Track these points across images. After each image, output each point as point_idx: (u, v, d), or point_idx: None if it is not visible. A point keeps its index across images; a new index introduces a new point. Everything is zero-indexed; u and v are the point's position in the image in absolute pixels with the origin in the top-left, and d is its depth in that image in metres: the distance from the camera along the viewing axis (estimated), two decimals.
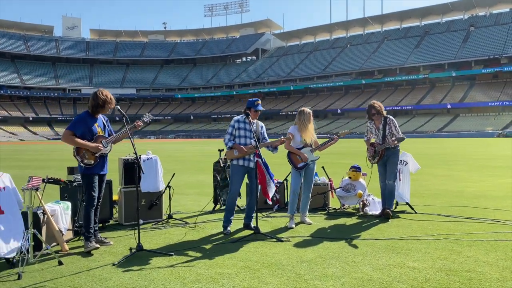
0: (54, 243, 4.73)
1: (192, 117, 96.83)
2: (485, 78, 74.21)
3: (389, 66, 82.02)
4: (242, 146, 5.31)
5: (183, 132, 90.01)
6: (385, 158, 6.08)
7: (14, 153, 28.59)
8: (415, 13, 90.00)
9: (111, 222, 5.94)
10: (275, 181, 5.71)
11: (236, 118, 5.53)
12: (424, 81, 79.51)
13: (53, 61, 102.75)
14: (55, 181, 4.52)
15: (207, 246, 4.77)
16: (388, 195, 6.07)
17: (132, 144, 4.41)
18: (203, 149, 32.19)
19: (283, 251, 4.48)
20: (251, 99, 5.61)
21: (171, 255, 4.39)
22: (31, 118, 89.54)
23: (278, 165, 8.97)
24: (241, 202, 7.00)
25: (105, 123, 4.86)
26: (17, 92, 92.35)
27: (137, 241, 4.41)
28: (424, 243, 4.70)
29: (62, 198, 5.34)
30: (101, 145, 4.59)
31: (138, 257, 4.33)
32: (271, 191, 5.36)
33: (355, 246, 4.64)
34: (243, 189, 6.41)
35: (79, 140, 4.53)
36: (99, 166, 4.65)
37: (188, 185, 10.23)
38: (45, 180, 4.41)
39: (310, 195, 5.92)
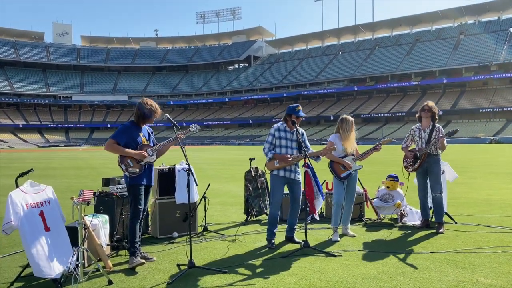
0: (92, 261, 4.43)
1: (184, 124, 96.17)
2: (476, 85, 75.06)
3: (381, 73, 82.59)
4: (286, 156, 5.06)
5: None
6: (426, 166, 5.83)
7: (10, 161, 27.93)
8: (406, 21, 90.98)
9: (145, 236, 5.65)
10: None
11: (276, 126, 5.27)
12: (416, 88, 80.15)
13: (44, 68, 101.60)
14: (107, 195, 4.24)
15: (257, 262, 4.52)
16: (436, 208, 5.78)
17: (184, 153, 4.15)
18: (203, 156, 31.85)
19: (342, 267, 4.25)
20: (291, 105, 5.31)
21: (225, 272, 4.13)
22: (21, 126, 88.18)
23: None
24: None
25: (150, 133, 4.62)
26: (6, 99, 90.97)
27: (189, 257, 4.14)
28: (485, 257, 4.50)
29: (97, 211, 5.04)
30: (145, 152, 4.34)
31: (191, 274, 4.06)
32: (319, 205, 5.11)
33: (414, 261, 4.43)
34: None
35: (122, 148, 4.32)
36: (145, 176, 4.41)
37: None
38: (97, 194, 4.13)
39: (352, 206, 5.70)
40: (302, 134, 5.31)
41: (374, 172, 14.19)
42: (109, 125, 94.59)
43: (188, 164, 4.24)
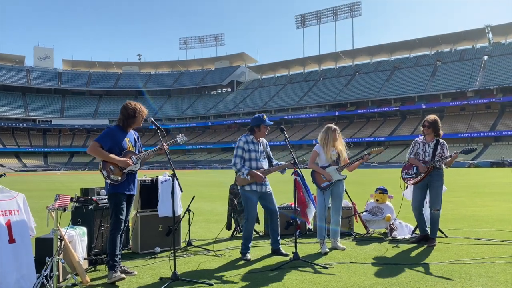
0: (69, 275, 4.12)
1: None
2: (454, 110, 76.93)
3: (361, 98, 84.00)
4: (258, 173, 4.89)
5: (157, 163, 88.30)
6: (427, 180, 5.64)
7: None
8: (385, 49, 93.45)
9: (125, 251, 5.34)
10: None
11: (243, 138, 5.08)
12: (396, 113, 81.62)
13: (23, 92, 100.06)
14: (86, 201, 3.97)
15: (246, 275, 4.27)
16: (432, 223, 5.59)
17: (169, 160, 3.95)
18: (185, 178, 31.34)
19: (334, 279, 4.04)
20: (256, 115, 5.16)
21: (211, 284, 3.88)
22: None
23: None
24: (259, 227, 6.54)
25: (136, 139, 4.40)
26: None
27: (173, 269, 3.89)
28: (480, 267, 4.36)
29: (74, 223, 4.74)
30: (130, 160, 4.10)
31: (175, 287, 3.79)
32: (311, 213, 4.93)
33: (409, 272, 4.26)
34: (260, 214, 5.99)
35: (106, 153, 4.06)
36: (127, 185, 4.16)
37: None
38: (74, 200, 3.86)
39: (340, 219, 5.52)
40: (267, 144, 5.25)
41: (355, 192, 14.09)
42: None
43: (173, 170, 4.03)
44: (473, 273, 4.13)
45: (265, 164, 5.10)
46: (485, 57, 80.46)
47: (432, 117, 5.78)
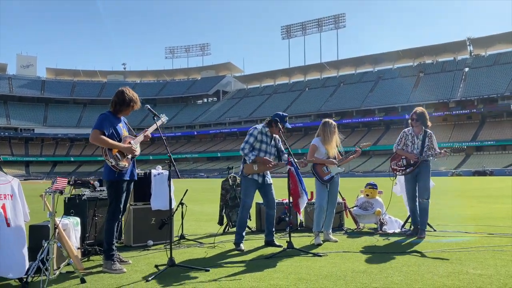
0: (64, 263, 4.08)
1: (151, 158, 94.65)
2: (436, 120, 78.06)
3: (346, 108, 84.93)
4: (269, 160, 4.95)
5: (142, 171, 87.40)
6: (416, 171, 5.78)
7: None
8: (369, 60, 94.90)
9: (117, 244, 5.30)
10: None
11: (259, 128, 5.17)
12: (380, 123, 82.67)
13: (5, 100, 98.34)
14: (83, 184, 3.94)
15: (241, 262, 4.29)
16: (421, 214, 5.68)
17: (166, 146, 3.97)
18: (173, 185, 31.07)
19: (329, 264, 4.09)
20: (281, 113, 5.19)
21: (208, 270, 3.89)
22: None
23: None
24: (251, 224, 6.56)
25: (127, 124, 4.37)
26: None
27: (169, 256, 3.88)
28: (470, 254, 4.46)
29: (67, 213, 4.70)
30: (133, 145, 4.08)
31: (171, 273, 3.79)
32: (303, 204, 4.98)
33: (402, 257, 4.33)
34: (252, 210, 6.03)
35: (110, 140, 3.95)
36: (129, 171, 4.12)
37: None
38: (71, 183, 3.83)
39: (334, 211, 5.60)
40: (279, 140, 5.29)
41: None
42: (72, 159, 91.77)
43: (170, 156, 4.04)
44: (463, 259, 4.22)
45: (273, 159, 5.15)
46: (466, 69, 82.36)
47: (419, 109, 5.95)
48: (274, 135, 5.20)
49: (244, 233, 5.07)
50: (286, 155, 5.20)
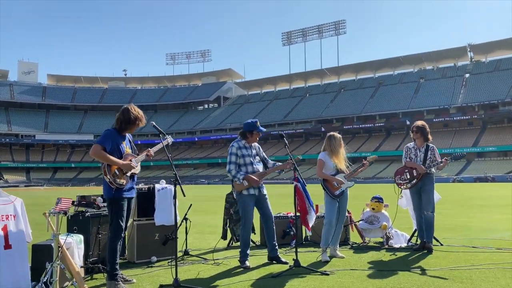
0: (67, 283, 4.02)
1: (151, 164, 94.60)
2: (437, 126, 78.13)
3: (347, 114, 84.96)
4: (253, 177, 4.91)
5: (143, 179, 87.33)
6: (420, 184, 5.78)
7: None
8: (369, 66, 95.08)
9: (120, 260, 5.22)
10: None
11: (236, 144, 5.14)
12: (380, 129, 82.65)
13: (6, 106, 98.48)
14: (88, 204, 3.88)
15: (247, 282, 4.21)
16: (427, 227, 5.64)
17: (171, 163, 3.91)
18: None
19: (337, 285, 4.02)
20: (249, 120, 5.24)
21: None
22: None
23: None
24: (255, 237, 6.48)
25: (131, 141, 4.33)
26: None
27: (174, 276, 3.81)
28: (480, 273, 4.38)
29: (70, 230, 4.63)
30: (133, 162, 4.04)
31: None
32: (312, 220, 4.91)
33: (410, 277, 4.25)
34: (255, 223, 5.97)
35: (110, 156, 3.95)
36: (129, 188, 4.08)
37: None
38: (76, 203, 3.76)
39: (342, 226, 5.53)
40: (259, 147, 5.34)
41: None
42: (73, 165, 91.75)
43: (175, 174, 3.98)
44: (474, 278, 4.15)
45: (260, 167, 5.15)
46: (467, 75, 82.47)
47: (419, 122, 6.01)
48: (252, 144, 5.20)
49: (248, 251, 5.00)
50: (271, 162, 5.26)
